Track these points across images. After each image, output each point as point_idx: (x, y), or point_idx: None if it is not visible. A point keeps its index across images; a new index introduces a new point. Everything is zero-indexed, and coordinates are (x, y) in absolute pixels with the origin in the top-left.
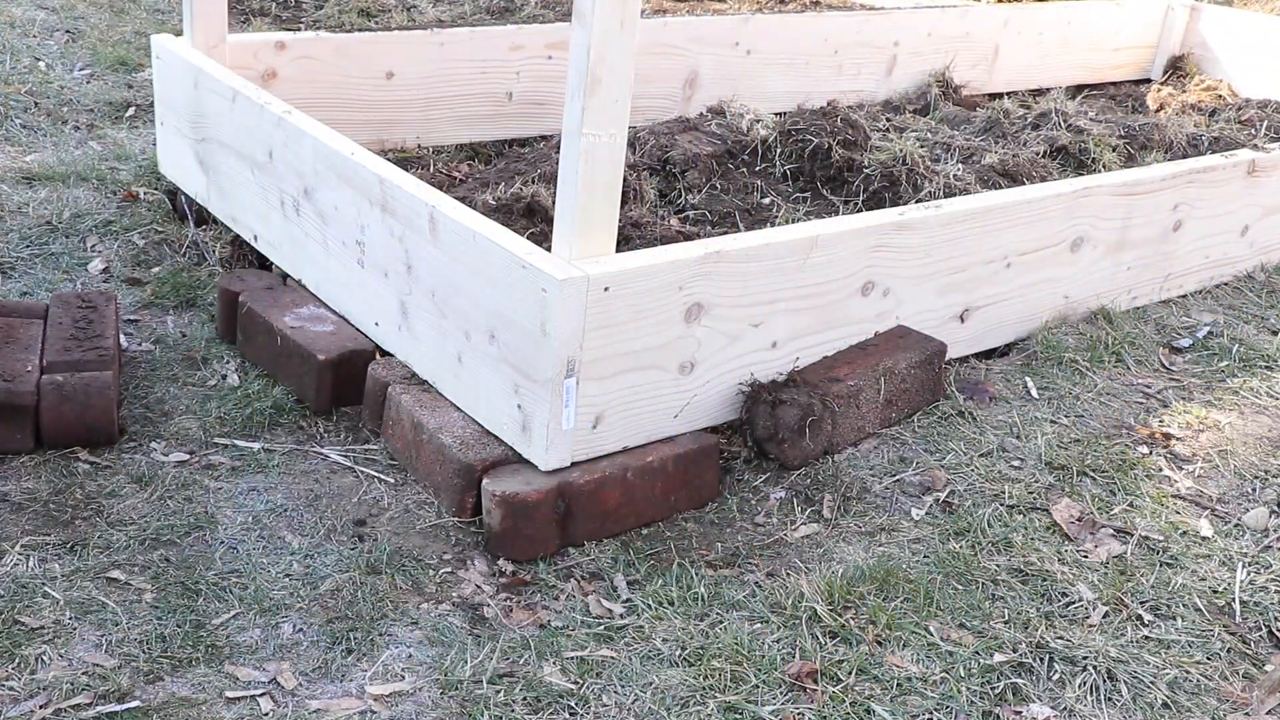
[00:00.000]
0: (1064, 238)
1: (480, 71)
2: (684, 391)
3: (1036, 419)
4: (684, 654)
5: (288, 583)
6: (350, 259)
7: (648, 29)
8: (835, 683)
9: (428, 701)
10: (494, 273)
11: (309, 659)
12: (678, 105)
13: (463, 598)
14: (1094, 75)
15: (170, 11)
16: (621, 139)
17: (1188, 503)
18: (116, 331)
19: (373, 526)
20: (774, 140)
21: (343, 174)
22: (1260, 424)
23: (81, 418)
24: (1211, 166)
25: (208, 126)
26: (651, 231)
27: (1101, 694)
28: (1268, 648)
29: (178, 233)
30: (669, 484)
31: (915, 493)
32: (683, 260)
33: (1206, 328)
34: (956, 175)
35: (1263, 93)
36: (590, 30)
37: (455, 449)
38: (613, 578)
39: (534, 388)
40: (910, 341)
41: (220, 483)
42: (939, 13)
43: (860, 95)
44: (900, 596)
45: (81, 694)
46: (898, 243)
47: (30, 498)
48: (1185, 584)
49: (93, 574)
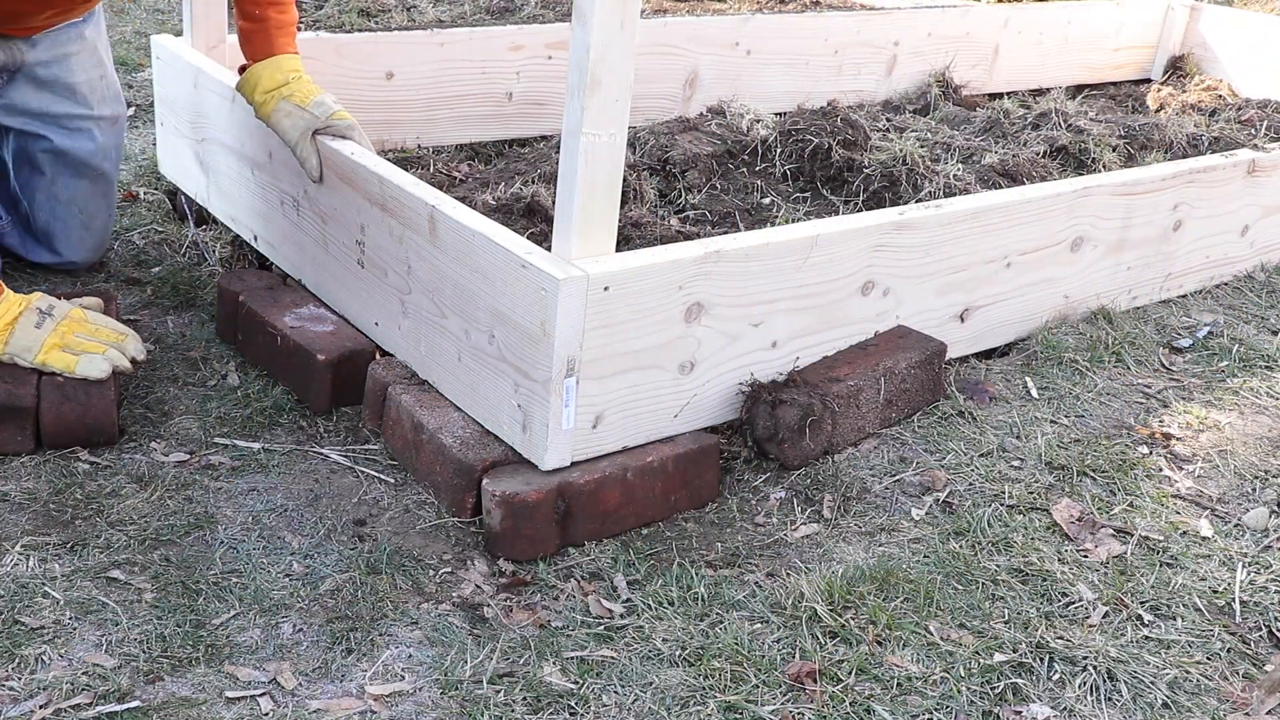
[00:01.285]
0: (1064, 237)
1: (480, 72)
2: (684, 391)
3: (1036, 419)
4: (684, 654)
5: (288, 583)
6: (350, 259)
7: (648, 29)
8: (835, 683)
9: (428, 701)
10: (494, 272)
11: (309, 659)
12: (678, 105)
13: (463, 598)
14: (1094, 75)
15: (170, 11)
16: (621, 139)
17: (1188, 503)
18: None
19: (373, 526)
20: (774, 140)
21: (342, 174)
22: (1260, 424)
23: (82, 418)
24: (1211, 166)
25: (208, 126)
26: (651, 231)
27: (1101, 694)
28: (1268, 648)
29: (178, 233)
30: (669, 484)
31: (915, 493)
32: (683, 260)
33: (1206, 328)
34: (956, 175)
35: (1263, 93)
36: (590, 30)
37: (455, 449)
38: (613, 578)
39: (534, 387)
40: (910, 341)
41: (220, 483)
42: (939, 13)
43: (860, 95)
44: (900, 596)
45: (81, 694)
46: (898, 242)
47: (30, 498)
48: (1185, 584)
49: (93, 574)
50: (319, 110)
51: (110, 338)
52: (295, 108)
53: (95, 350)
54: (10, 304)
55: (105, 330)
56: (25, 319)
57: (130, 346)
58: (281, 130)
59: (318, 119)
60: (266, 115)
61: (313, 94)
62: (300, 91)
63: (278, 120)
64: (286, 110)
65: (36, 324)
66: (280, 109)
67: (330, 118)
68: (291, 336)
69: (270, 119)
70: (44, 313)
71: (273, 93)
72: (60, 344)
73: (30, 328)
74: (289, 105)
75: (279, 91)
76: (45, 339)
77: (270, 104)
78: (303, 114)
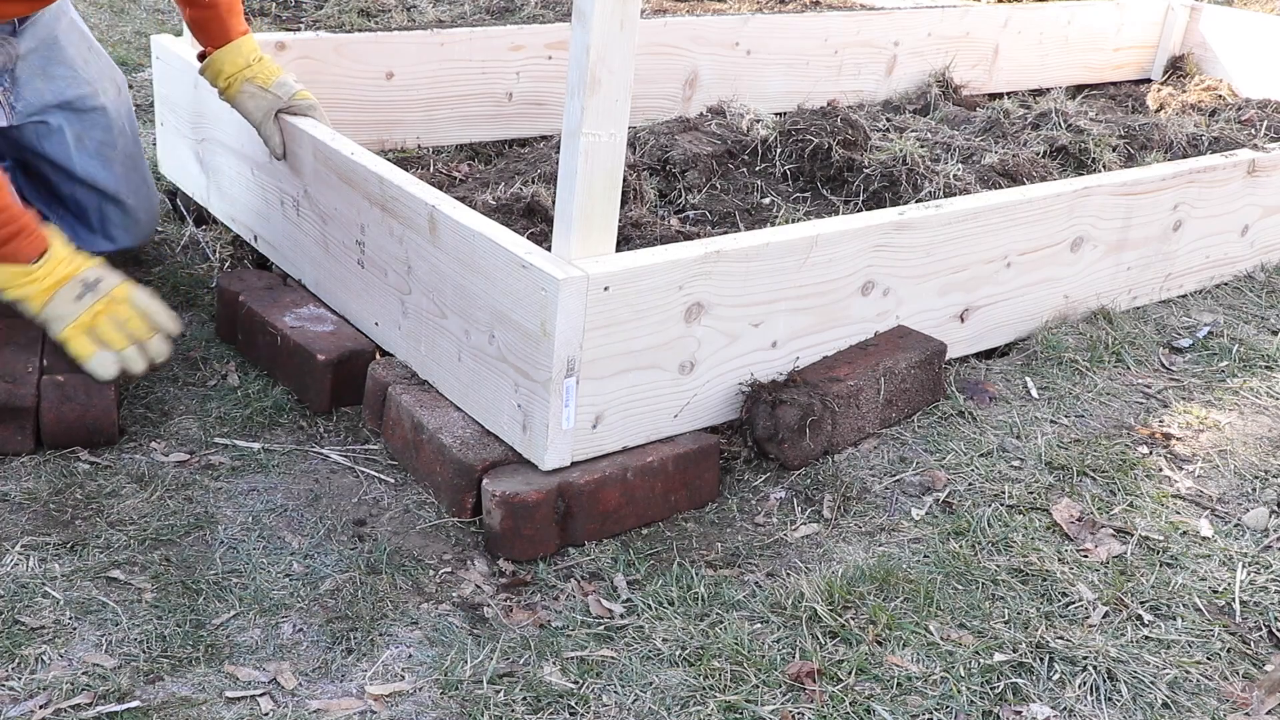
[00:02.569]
0: (1064, 237)
1: (480, 71)
2: (684, 391)
3: (1036, 419)
4: (684, 654)
5: (288, 583)
6: (350, 259)
7: (647, 29)
8: (835, 682)
9: (428, 701)
10: (494, 272)
11: (309, 659)
12: (678, 105)
13: (463, 598)
14: (1094, 75)
15: (170, 11)
16: (621, 139)
17: (1188, 503)
18: None
19: (373, 526)
20: (774, 140)
21: (343, 174)
22: (1260, 424)
23: (82, 418)
24: (1211, 166)
25: (208, 126)
26: (651, 231)
27: (1101, 694)
28: (1268, 648)
29: (178, 233)
30: (669, 484)
31: (915, 493)
32: (683, 260)
33: (1206, 328)
34: (956, 175)
35: (1263, 93)
36: (590, 31)
37: (455, 449)
38: (613, 578)
39: (534, 387)
40: (910, 341)
41: (220, 483)
42: (939, 13)
43: (860, 95)
44: (900, 596)
45: (81, 694)
46: (898, 242)
47: (30, 498)
48: (1185, 584)
49: (93, 574)
50: (281, 91)
51: (138, 331)
52: (258, 89)
53: (116, 345)
54: (58, 265)
55: (136, 321)
56: (68, 289)
57: (153, 346)
58: (246, 111)
59: (280, 99)
60: (232, 98)
61: (275, 75)
62: (263, 74)
63: (242, 102)
64: (250, 92)
65: (77, 296)
66: (245, 90)
67: (292, 98)
68: (291, 336)
69: (235, 101)
70: (88, 286)
71: (235, 76)
72: (90, 323)
73: (70, 299)
74: (252, 87)
75: (242, 74)
76: (79, 314)
77: (235, 86)
78: (265, 95)
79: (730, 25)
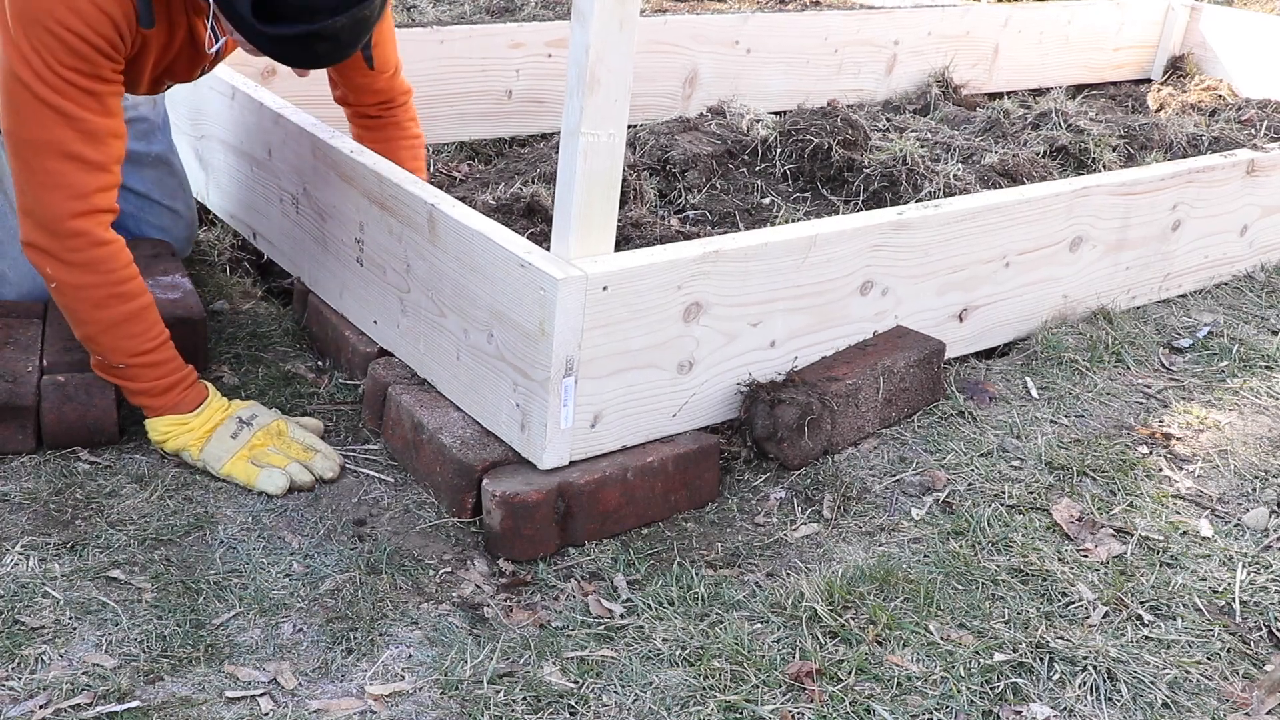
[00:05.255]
0: (1063, 237)
1: (480, 70)
2: (682, 391)
3: (1036, 419)
4: (684, 654)
5: (288, 583)
6: (349, 257)
7: (647, 27)
8: (835, 682)
9: (428, 701)
10: (493, 271)
11: (309, 659)
12: (678, 105)
13: (463, 598)
14: (1094, 75)
15: None
16: (621, 139)
17: (1188, 503)
18: None
19: (373, 526)
20: (774, 140)
21: (342, 172)
22: (1260, 424)
23: (83, 418)
24: (1211, 166)
25: (207, 124)
26: (651, 231)
27: (1101, 694)
28: (1268, 648)
29: None
30: (669, 484)
31: (915, 493)
32: (681, 259)
33: (1206, 328)
34: (956, 175)
35: (1263, 93)
36: (589, 30)
37: (455, 449)
38: (613, 578)
39: (532, 386)
40: (909, 341)
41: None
42: (939, 12)
43: (860, 95)
44: (900, 596)
45: (81, 694)
46: (897, 242)
47: (30, 498)
48: (1185, 584)
49: (93, 574)
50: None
51: (298, 454)
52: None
53: (279, 464)
54: (214, 411)
55: (296, 446)
56: (224, 428)
57: (318, 464)
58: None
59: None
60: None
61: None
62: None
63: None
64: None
65: (233, 434)
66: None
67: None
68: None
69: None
70: (244, 422)
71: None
72: (249, 455)
73: (226, 437)
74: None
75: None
76: (238, 449)
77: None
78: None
79: (730, 24)
